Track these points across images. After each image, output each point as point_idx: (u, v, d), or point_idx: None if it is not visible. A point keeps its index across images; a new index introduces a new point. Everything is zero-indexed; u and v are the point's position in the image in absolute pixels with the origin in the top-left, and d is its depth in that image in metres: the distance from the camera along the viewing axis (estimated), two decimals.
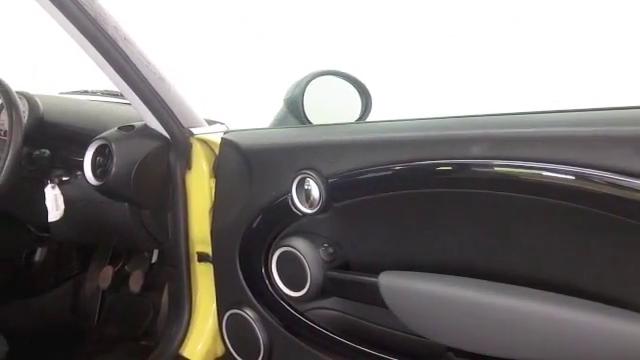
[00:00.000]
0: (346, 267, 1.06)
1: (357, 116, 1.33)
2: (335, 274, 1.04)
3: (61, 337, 1.76)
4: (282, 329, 1.16)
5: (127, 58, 1.15)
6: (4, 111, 1.34)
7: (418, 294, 0.91)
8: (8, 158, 1.21)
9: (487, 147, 0.83)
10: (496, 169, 0.82)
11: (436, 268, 0.92)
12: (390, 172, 0.95)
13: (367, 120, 1.33)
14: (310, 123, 1.26)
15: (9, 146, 1.22)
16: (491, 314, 0.83)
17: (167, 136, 1.28)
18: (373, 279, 0.96)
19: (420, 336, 0.94)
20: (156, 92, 1.21)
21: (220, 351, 1.37)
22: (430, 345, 0.93)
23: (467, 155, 0.85)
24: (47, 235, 1.62)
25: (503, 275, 0.85)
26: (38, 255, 1.84)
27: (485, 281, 0.85)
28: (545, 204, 0.78)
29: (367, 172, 0.98)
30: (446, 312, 0.88)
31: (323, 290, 1.05)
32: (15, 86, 1.32)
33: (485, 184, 0.84)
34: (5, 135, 1.28)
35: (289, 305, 1.14)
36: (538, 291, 0.80)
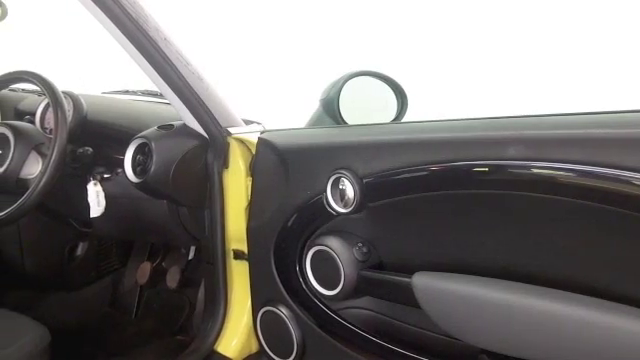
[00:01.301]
0: (380, 267, 1.06)
1: (393, 116, 1.33)
2: (369, 274, 1.05)
3: (100, 330, 1.81)
4: (315, 327, 1.17)
5: (167, 58, 1.18)
6: (50, 110, 1.39)
7: (452, 295, 0.90)
8: (54, 155, 1.25)
9: (523, 148, 0.82)
10: (532, 171, 0.81)
11: (470, 269, 0.91)
12: (425, 173, 0.95)
13: (403, 120, 1.33)
14: (346, 123, 1.27)
15: (55, 144, 1.25)
16: (526, 317, 0.82)
17: (205, 135, 1.30)
18: (407, 279, 0.96)
19: (453, 337, 0.94)
20: (195, 92, 1.23)
21: (254, 347, 1.39)
22: (463, 346, 0.93)
23: (503, 156, 0.84)
24: (89, 231, 1.66)
25: (538, 278, 0.84)
26: (80, 250, 1.90)
27: (520, 283, 0.85)
28: (582, 206, 0.77)
29: (402, 172, 0.98)
30: (480, 314, 0.87)
31: (356, 289, 1.06)
32: (61, 86, 1.36)
33: (520, 186, 0.83)
34: (51, 133, 1.32)
35: (322, 303, 1.15)
36: (575, 295, 0.79)
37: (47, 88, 1.32)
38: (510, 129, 0.88)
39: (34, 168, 1.32)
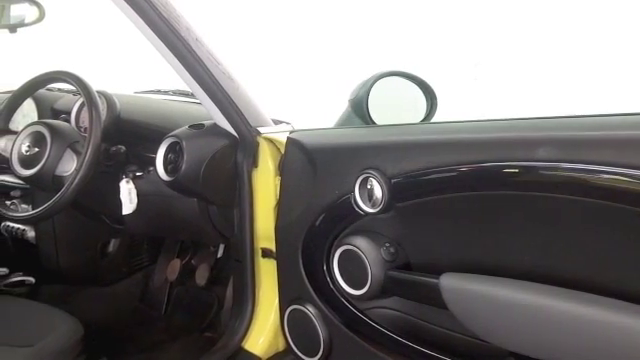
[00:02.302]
0: (407, 267, 1.06)
1: (422, 117, 1.32)
2: (396, 274, 1.05)
3: (130, 325, 1.85)
4: (342, 326, 1.17)
5: (198, 58, 1.19)
6: (85, 109, 1.42)
7: (479, 297, 0.90)
8: (88, 153, 1.27)
9: (553, 150, 0.81)
10: (562, 172, 0.80)
11: (498, 271, 0.90)
12: (454, 173, 0.95)
13: (432, 121, 1.32)
14: (374, 124, 1.27)
15: (89, 142, 1.28)
16: (555, 320, 0.81)
17: (235, 135, 1.31)
18: (434, 280, 0.95)
19: (481, 339, 0.93)
20: (225, 92, 1.24)
21: (281, 345, 1.40)
22: (491, 349, 0.92)
23: (533, 157, 0.83)
24: (120, 227, 1.69)
25: (568, 280, 0.83)
26: (112, 246, 1.93)
27: (549, 286, 0.84)
28: (613, 209, 0.76)
29: (431, 173, 0.98)
30: (508, 316, 0.87)
31: (384, 289, 1.06)
32: (95, 85, 1.39)
33: (550, 187, 0.82)
34: (86, 132, 1.35)
35: (349, 303, 1.15)
36: (606, 298, 0.78)
37: (82, 88, 1.35)
38: (540, 130, 0.88)
39: (69, 166, 1.35)
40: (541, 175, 0.83)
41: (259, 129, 1.31)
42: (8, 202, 1.65)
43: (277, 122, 1.38)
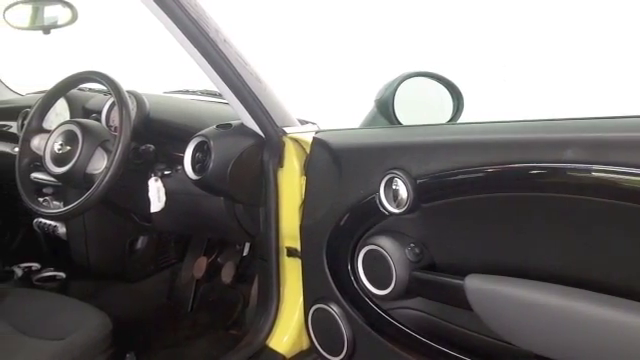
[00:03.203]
0: (432, 268, 1.06)
1: (448, 117, 1.32)
2: (421, 274, 1.04)
3: (157, 321, 1.87)
4: (366, 326, 1.17)
5: (226, 59, 1.20)
6: (116, 109, 1.45)
7: (505, 298, 0.89)
8: (118, 152, 1.30)
9: (582, 151, 0.80)
10: (591, 174, 0.79)
11: (524, 273, 0.90)
12: (480, 174, 0.94)
13: (459, 122, 1.31)
14: (400, 124, 1.27)
15: (119, 141, 1.31)
16: (582, 323, 0.80)
17: (262, 135, 1.32)
18: (459, 281, 0.95)
19: (506, 341, 0.92)
20: (253, 92, 1.25)
21: (305, 344, 1.40)
22: (516, 351, 0.91)
23: (560, 159, 0.82)
24: (149, 225, 1.71)
25: (595, 283, 0.82)
26: (140, 243, 1.96)
27: (576, 289, 0.83)
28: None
29: (457, 174, 0.98)
30: (534, 318, 0.86)
31: (408, 290, 1.06)
32: (125, 85, 1.42)
33: (579, 189, 0.81)
34: (116, 131, 1.38)
35: (373, 303, 1.15)
36: (634, 302, 0.77)
37: (113, 88, 1.38)
38: (568, 131, 0.87)
39: (100, 164, 1.37)
40: (568, 177, 0.82)
41: (285, 129, 1.32)
42: (41, 199, 1.68)
43: (303, 122, 1.39)
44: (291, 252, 1.36)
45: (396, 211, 1.06)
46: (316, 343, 1.32)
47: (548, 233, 0.89)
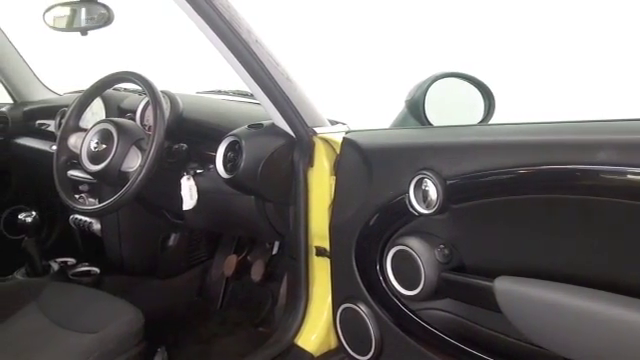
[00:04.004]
0: (461, 269, 1.05)
1: (480, 119, 1.31)
2: (450, 275, 1.04)
3: (188, 317, 1.90)
4: (394, 326, 1.18)
5: (258, 60, 1.22)
6: (150, 108, 1.48)
7: (535, 301, 0.88)
8: (152, 150, 1.33)
9: (615, 153, 0.79)
10: (624, 176, 0.78)
11: (555, 276, 0.89)
12: (512, 176, 0.94)
13: (490, 123, 1.30)
14: (431, 125, 1.26)
15: (153, 140, 1.33)
16: (614, 328, 0.79)
17: (292, 134, 1.34)
18: (488, 283, 0.94)
19: (535, 345, 0.92)
20: (284, 93, 1.26)
21: (333, 344, 1.41)
22: (545, 355, 0.90)
23: (593, 161, 0.81)
24: (181, 222, 1.74)
25: (627, 287, 0.80)
26: (172, 240, 1.99)
27: (609, 293, 0.81)
28: None
29: (487, 175, 0.97)
30: (564, 322, 0.85)
31: (437, 291, 1.05)
32: (160, 85, 1.44)
33: (610, 191, 0.80)
34: (150, 130, 1.40)
35: (402, 303, 1.15)
36: None
37: (147, 88, 1.40)
38: (601, 133, 0.85)
39: (134, 162, 1.40)
40: (601, 179, 0.81)
41: (315, 129, 1.33)
42: (77, 196, 1.72)
43: (333, 122, 1.39)
44: (320, 251, 1.37)
45: (426, 212, 1.06)
46: (344, 342, 1.32)
47: (579, 236, 0.88)
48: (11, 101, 2.29)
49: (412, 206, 1.08)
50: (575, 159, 0.84)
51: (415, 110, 1.27)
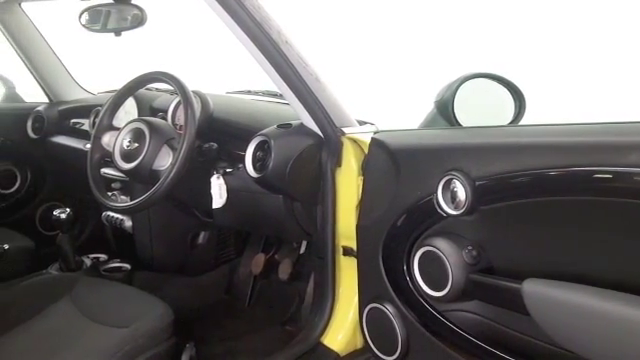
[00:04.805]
0: (489, 271, 1.05)
1: (510, 119, 1.29)
2: (477, 277, 1.03)
3: (216, 314, 1.92)
4: (420, 326, 1.17)
5: (288, 61, 1.23)
6: (181, 108, 1.50)
7: (564, 304, 0.87)
8: (183, 149, 1.35)
9: None
10: None
11: (584, 279, 0.87)
12: (542, 177, 0.93)
13: (520, 124, 1.29)
14: (460, 125, 1.26)
15: (184, 139, 1.35)
16: None
17: (321, 135, 1.34)
18: (516, 285, 0.94)
19: (564, 349, 0.90)
20: (313, 93, 1.27)
21: (359, 343, 1.41)
22: (574, 359, 0.89)
23: (625, 163, 0.80)
24: (210, 221, 1.75)
25: None
26: (201, 238, 2.02)
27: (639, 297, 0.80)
28: None
29: (517, 176, 0.96)
30: (593, 326, 0.83)
31: (464, 292, 1.05)
32: (190, 85, 1.46)
33: None
34: (181, 129, 1.42)
35: (429, 304, 1.15)
36: None
37: (179, 88, 1.42)
38: (633, 134, 0.84)
39: (165, 161, 1.43)
40: (633, 181, 0.80)
41: (344, 129, 1.33)
42: (109, 193, 1.75)
43: (361, 123, 1.39)
44: (347, 251, 1.37)
45: (454, 213, 1.06)
46: (370, 342, 1.32)
47: (610, 239, 0.86)
48: (47, 101, 2.35)
49: (440, 207, 1.08)
50: (607, 161, 0.83)
51: (444, 110, 1.27)
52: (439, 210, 1.08)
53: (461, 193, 1.04)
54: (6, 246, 1.77)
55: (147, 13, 1.72)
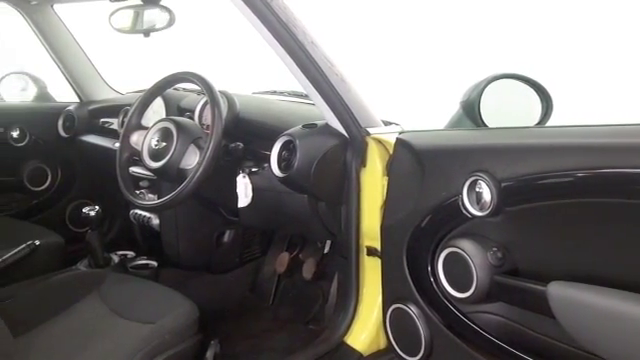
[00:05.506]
0: (514, 273, 1.04)
1: (536, 120, 1.28)
2: (502, 279, 1.03)
3: (240, 312, 1.94)
4: (444, 328, 1.17)
5: (313, 61, 1.23)
6: (208, 108, 1.52)
7: (590, 308, 0.86)
8: (210, 149, 1.36)
9: None
10: None
11: (612, 282, 0.86)
12: (569, 179, 0.92)
13: (547, 125, 1.28)
14: (486, 126, 1.25)
15: (211, 138, 1.37)
16: None
17: (346, 135, 1.35)
18: (542, 288, 0.93)
19: (590, 352, 0.89)
20: (338, 93, 1.28)
21: (382, 344, 1.41)
22: None
23: None
24: (235, 219, 1.77)
25: None
26: (227, 237, 2.04)
27: None
28: None
29: (544, 177, 0.95)
30: (620, 330, 0.82)
31: (489, 294, 1.04)
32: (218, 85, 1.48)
33: None
34: (208, 129, 1.44)
35: (453, 305, 1.14)
36: None
37: (206, 88, 1.44)
38: None
39: (192, 160, 1.44)
40: None
41: (369, 129, 1.33)
42: (137, 191, 1.78)
43: (386, 123, 1.39)
44: (371, 251, 1.38)
45: (479, 214, 1.05)
46: (393, 343, 1.32)
47: (638, 242, 0.85)
48: (77, 100, 2.40)
49: (465, 208, 1.08)
50: (636, 163, 0.82)
51: (470, 111, 1.26)
52: (464, 211, 1.08)
53: (486, 194, 1.03)
54: (37, 242, 1.80)
55: (175, 14, 1.74)
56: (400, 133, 1.32)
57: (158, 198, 1.79)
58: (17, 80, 2.41)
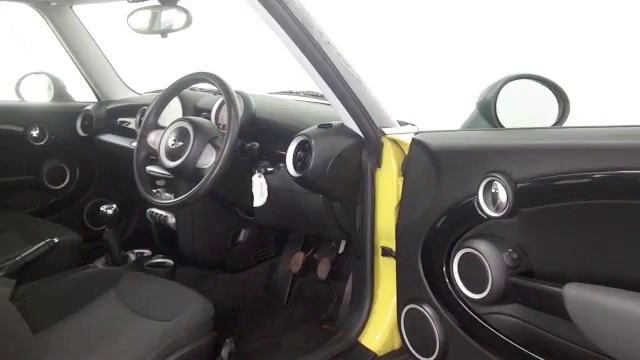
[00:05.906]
0: (530, 274, 1.03)
1: (553, 121, 1.27)
2: (518, 280, 1.02)
3: (255, 311, 1.95)
4: (459, 329, 1.17)
5: (329, 61, 1.24)
6: (224, 108, 1.53)
7: (606, 310, 0.85)
8: (226, 148, 1.37)
9: None
10: None
11: (628, 284, 0.85)
12: (586, 180, 0.91)
13: (564, 126, 1.27)
14: (502, 127, 1.24)
15: (227, 138, 1.38)
16: None
17: (361, 135, 1.35)
18: (557, 289, 0.92)
19: (606, 355, 0.89)
20: (354, 93, 1.28)
21: (397, 344, 1.41)
22: None
23: None
24: (251, 219, 1.78)
25: None
26: (242, 236, 2.05)
27: None
28: None
29: (561, 179, 0.95)
30: (636, 332, 0.82)
31: (504, 295, 1.04)
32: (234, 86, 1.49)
33: None
34: (224, 128, 1.45)
35: (467, 306, 1.14)
36: None
37: (223, 88, 1.45)
38: None
39: (208, 159, 1.45)
40: None
41: (384, 130, 1.33)
42: (154, 190, 1.80)
43: (402, 123, 1.39)
44: (386, 252, 1.38)
45: (495, 215, 1.05)
46: (408, 343, 1.32)
47: None
48: (95, 100, 2.42)
49: (481, 209, 1.07)
50: None
51: (486, 112, 1.26)
52: (480, 212, 1.07)
53: (502, 195, 1.03)
54: (55, 240, 1.83)
55: (192, 15, 1.75)
56: (416, 133, 1.32)
57: (175, 197, 1.80)
58: (37, 80, 2.44)
